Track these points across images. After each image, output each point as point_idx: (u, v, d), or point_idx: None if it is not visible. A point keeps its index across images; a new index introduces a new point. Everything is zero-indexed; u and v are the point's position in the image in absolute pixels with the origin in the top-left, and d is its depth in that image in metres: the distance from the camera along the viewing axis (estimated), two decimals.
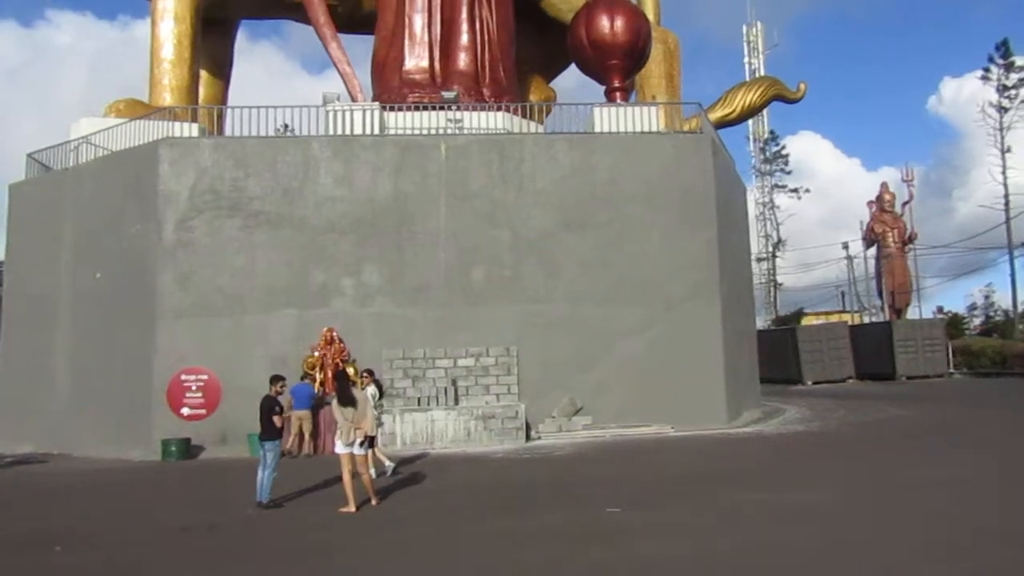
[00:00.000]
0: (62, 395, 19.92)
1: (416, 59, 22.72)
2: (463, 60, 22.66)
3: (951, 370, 40.84)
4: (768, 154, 65.18)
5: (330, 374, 17.94)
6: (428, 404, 18.58)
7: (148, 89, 22.76)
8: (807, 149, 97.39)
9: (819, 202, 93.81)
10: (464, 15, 22.78)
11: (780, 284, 64.30)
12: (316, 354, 18.48)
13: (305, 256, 19.12)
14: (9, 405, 20.70)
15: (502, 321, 19.18)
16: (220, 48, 26.82)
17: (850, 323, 46.94)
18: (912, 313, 47.18)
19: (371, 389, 13.90)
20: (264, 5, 26.08)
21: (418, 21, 22.92)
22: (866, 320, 51.59)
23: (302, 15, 23.92)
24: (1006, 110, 48.90)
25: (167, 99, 21.89)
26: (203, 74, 25.00)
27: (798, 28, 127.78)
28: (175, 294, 18.77)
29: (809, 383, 39.32)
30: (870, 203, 49.31)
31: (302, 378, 17.53)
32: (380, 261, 19.24)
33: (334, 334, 18.63)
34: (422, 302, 19.20)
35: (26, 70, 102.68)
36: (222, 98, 26.95)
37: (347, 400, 10.90)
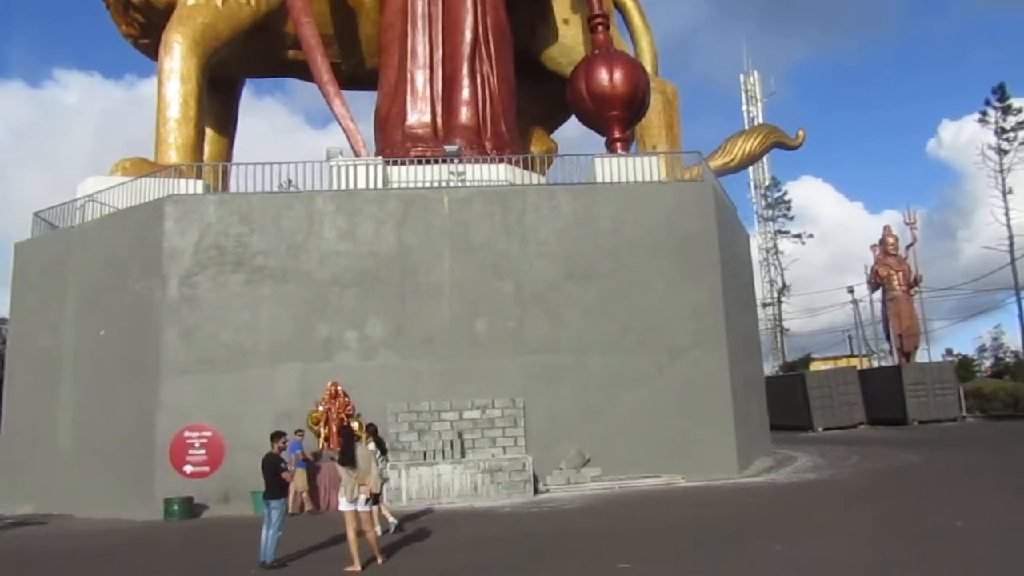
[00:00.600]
0: (64, 454, 19.73)
1: (418, 114, 23.05)
2: (465, 114, 22.95)
3: (964, 414, 40.33)
4: (770, 200, 65.60)
5: (334, 429, 17.78)
6: (434, 458, 18.35)
7: (154, 147, 23.07)
8: (809, 194, 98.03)
9: (823, 246, 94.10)
10: (465, 71, 23.14)
11: (787, 330, 64.07)
12: (320, 408, 18.34)
13: (309, 310, 19.10)
14: (11, 465, 20.51)
15: (507, 372, 19.05)
16: (225, 106, 27.27)
17: (859, 367, 46.55)
18: (921, 356, 46.84)
19: (371, 446, 13.71)
20: (269, 65, 26.59)
21: (420, 77, 23.31)
22: (875, 364, 51.19)
23: (306, 73, 24.35)
24: (1005, 152, 49.22)
25: (173, 157, 22.15)
26: (208, 132, 25.34)
27: (795, 76, 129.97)
28: (179, 350, 18.72)
29: (819, 429, 38.84)
30: (873, 246, 49.36)
31: (294, 434, 17.32)
32: (384, 314, 19.20)
33: (338, 388, 18.51)
34: (426, 354, 19.11)
35: (34, 129, 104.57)
36: (227, 155, 27.30)
37: (350, 456, 10.75)
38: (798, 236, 65.16)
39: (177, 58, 22.54)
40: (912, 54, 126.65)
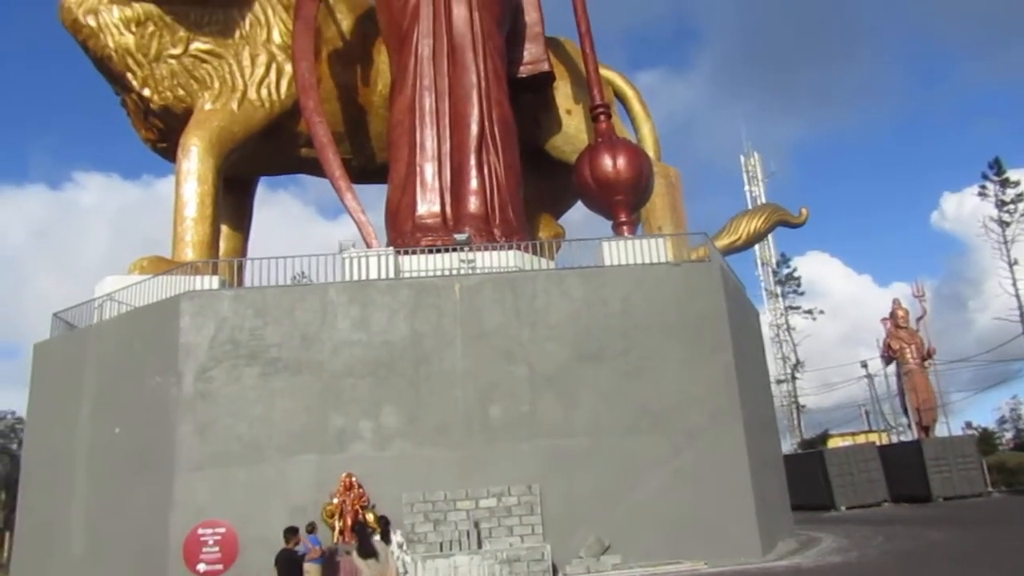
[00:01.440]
0: (77, 554, 19.48)
1: (428, 204, 23.58)
2: (473, 203, 23.49)
3: (989, 488, 39.42)
4: (780, 276, 65.97)
5: (349, 522, 17.55)
6: (450, 549, 18.02)
7: (171, 245, 23.66)
8: (817, 269, 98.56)
9: (835, 320, 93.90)
10: (473, 162, 23.81)
11: (803, 406, 63.36)
12: (335, 501, 18.14)
13: (323, 401, 19.14)
14: (24, 565, 20.24)
15: (523, 458, 18.91)
16: (240, 204, 28.02)
17: (878, 443, 45.80)
18: (940, 430, 46.11)
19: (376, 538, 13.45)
20: (282, 163, 27.44)
21: (429, 169, 23.96)
22: (894, 439, 50.37)
23: (318, 170, 25.10)
24: (1007, 224, 49.72)
25: (189, 254, 22.70)
26: (224, 228, 25.99)
27: (797, 151, 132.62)
28: (193, 446, 18.70)
29: (842, 508, 37.96)
30: (884, 320, 49.27)
31: (308, 530, 17.06)
32: (398, 403, 19.22)
33: (353, 479, 18.34)
34: (441, 443, 19.01)
35: (53, 230, 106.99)
36: (242, 250, 27.87)
37: (370, 549, 10.66)
38: (809, 312, 65.21)
39: (194, 160, 23.34)
40: (911, 126, 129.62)
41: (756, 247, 55.36)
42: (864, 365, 56.52)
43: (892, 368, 48.95)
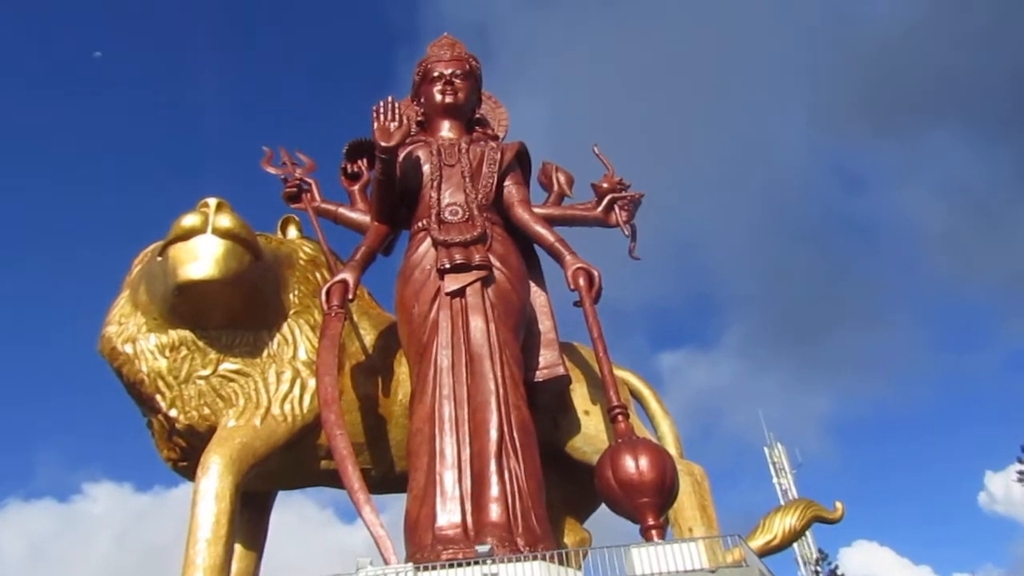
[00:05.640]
0: None
1: (448, 515, 22.92)
2: (495, 512, 22.81)
3: None
4: (824, 575, 61.70)
5: None
6: None
7: (182, 569, 22.72)
8: (869, 560, 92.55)
9: None
10: (493, 468, 23.54)
11: None
12: None
13: None
14: None
15: None
16: (256, 521, 27.41)
17: None
18: None
19: None
20: (301, 476, 27.27)
21: (449, 477, 23.64)
22: None
23: (336, 482, 24.82)
24: None
25: None
26: (237, 548, 25.11)
27: (829, 429, 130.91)
28: None
29: None
30: None
31: None
32: None
33: None
34: None
35: (56, 544, 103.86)
36: (255, 570, 26.79)
37: None
38: None
39: (213, 477, 23.23)
40: (946, 394, 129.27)
41: (795, 544, 52.56)
42: None
43: None
